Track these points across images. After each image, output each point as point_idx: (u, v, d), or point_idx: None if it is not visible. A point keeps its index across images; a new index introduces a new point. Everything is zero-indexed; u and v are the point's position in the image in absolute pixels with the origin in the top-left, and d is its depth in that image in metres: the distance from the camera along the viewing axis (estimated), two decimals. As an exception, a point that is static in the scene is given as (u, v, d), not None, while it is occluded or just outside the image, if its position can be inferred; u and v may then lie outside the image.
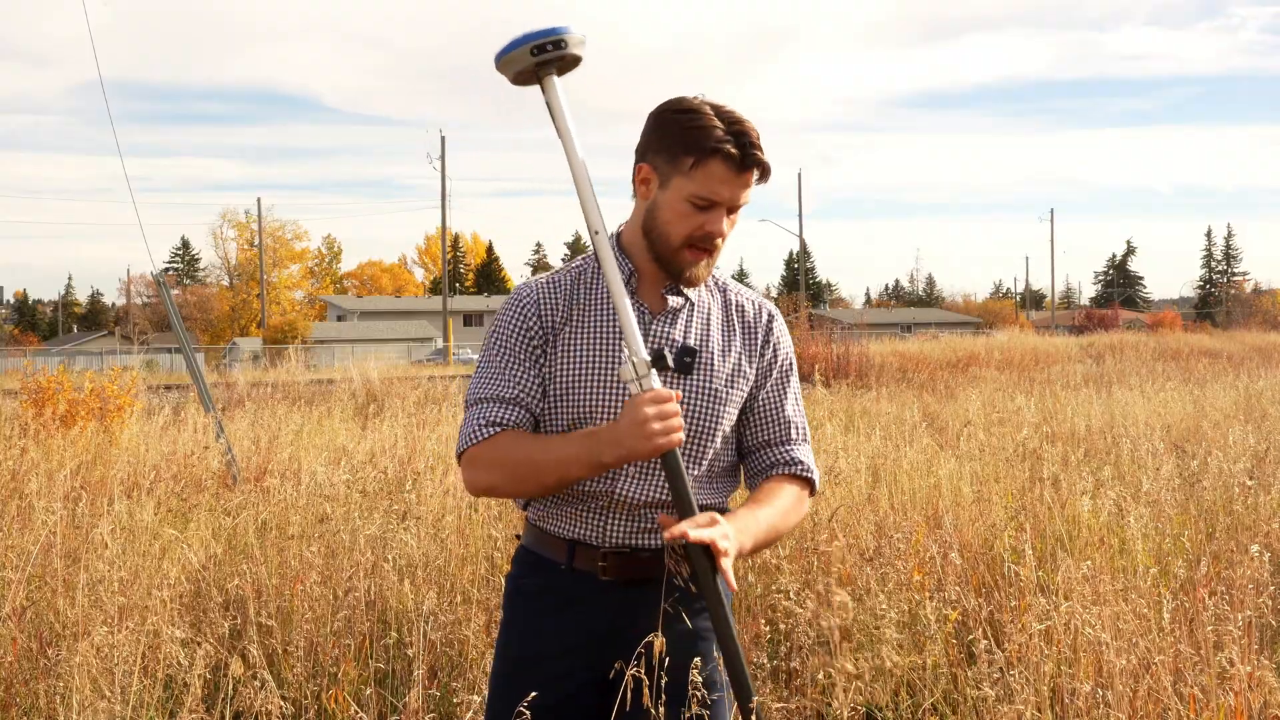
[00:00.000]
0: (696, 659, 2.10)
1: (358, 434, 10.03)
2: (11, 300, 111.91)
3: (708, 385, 2.20)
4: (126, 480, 6.90)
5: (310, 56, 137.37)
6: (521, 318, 2.19)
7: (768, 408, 2.28)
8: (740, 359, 2.26)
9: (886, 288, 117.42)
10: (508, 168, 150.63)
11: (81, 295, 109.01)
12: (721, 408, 2.21)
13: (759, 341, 2.29)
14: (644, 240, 2.19)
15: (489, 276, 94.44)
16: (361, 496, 6.03)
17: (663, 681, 2.05)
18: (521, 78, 2.14)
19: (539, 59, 2.09)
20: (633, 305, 2.18)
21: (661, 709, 2.07)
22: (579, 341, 2.18)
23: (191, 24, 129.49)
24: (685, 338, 2.21)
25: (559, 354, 2.18)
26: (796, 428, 2.31)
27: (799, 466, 2.27)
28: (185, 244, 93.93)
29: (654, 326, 2.20)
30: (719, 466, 2.26)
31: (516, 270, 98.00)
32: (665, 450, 2.02)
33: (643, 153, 2.19)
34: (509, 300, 2.24)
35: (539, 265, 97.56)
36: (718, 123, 2.09)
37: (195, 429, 9.59)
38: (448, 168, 47.50)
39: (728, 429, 2.24)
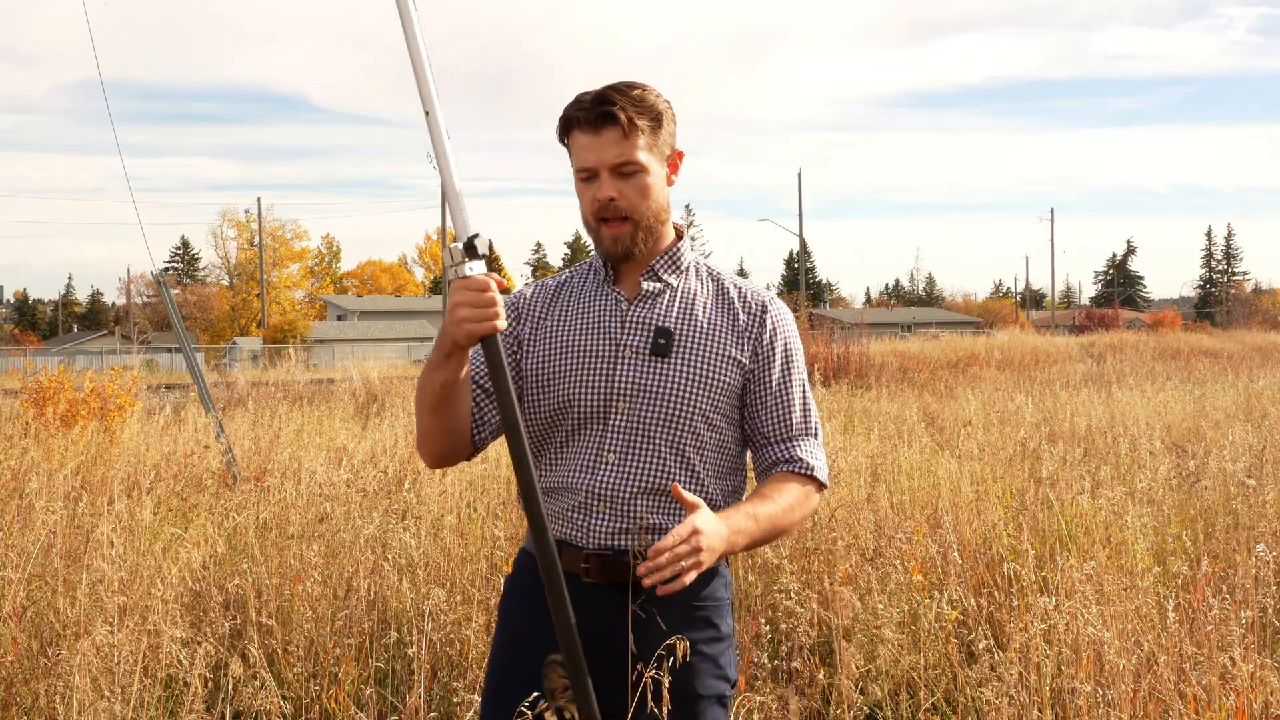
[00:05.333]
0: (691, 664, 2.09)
1: (358, 434, 10.03)
2: (11, 300, 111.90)
3: (686, 368, 2.18)
4: (127, 480, 6.90)
5: (304, 56, 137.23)
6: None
7: (767, 401, 2.24)
8: (727, 344, 2.22)
9: (886, 287, 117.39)
10: (508, 168, 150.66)
11: (81, 295, 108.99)
12: (701, 391, 2.18)
13: (750, 328, 2.25)
14: None
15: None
16: (361, 496, 6.03)
17: (648, 688, 2.04)
18: None
19: None
20: (610, 295, 2.24)
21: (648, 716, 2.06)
22: (556, 337, 2.24)
23: (183, 24, 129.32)
24: (664, 321, 2.21)
25: (537, 348, 2.25)
26: (799, 422, 2.25)
27: (799, 465, 2.22)
28: (185, 243, 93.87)
29: (631, 311, 2.22)
30: (716, 460, 2.22)
31: (516, 270, 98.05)
32: (479, 336, 1.98)
33: None
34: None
35: (539, 265, 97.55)
36: (573, 103, 2.19)
37: (195, 429, 9.59)
38: (448, 167, 47.38)
39: (711, 414, 2.19)
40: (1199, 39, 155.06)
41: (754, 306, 2.27)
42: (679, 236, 2.29)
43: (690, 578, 1.96)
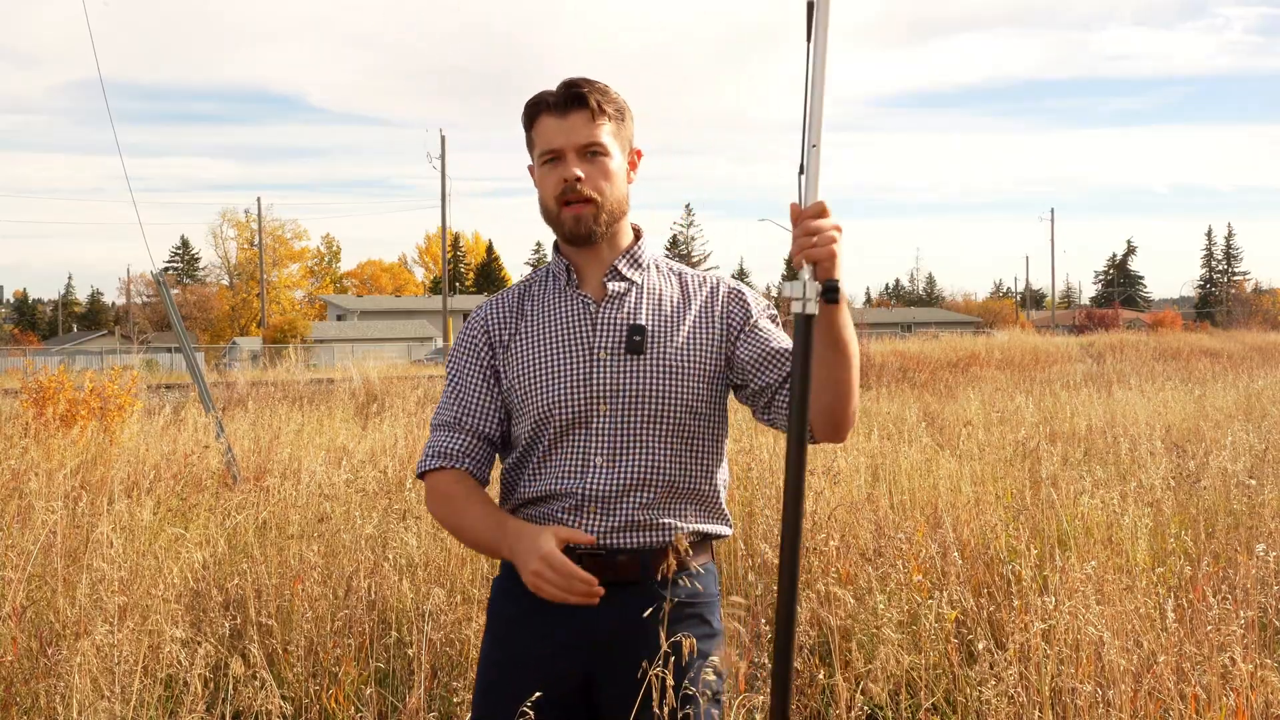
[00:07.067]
0: (698, 663, 2.09)
1: (358, 434, 10.03)
2: (11, 300, 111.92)
3: (664, 362, 2.18)
4: (127, 480, 6.90)
5: (303, 56, 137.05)
6: (471, 340, 2.30)
7: (761, 352, 2.19)
8: (696, 329, 2.22)
9: (886, 287, 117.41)
10: (508, 168, 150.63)
11: (81, 295, 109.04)
12: (682, 382, 2.17)
13: (715, 305, 2.24)
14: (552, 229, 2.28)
15: (489, 276, 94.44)
16: (361, 496, 6.03)
17: (649, 686, 2.04)
18: None
19: None
20: (576, 298, 2.24)
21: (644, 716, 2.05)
22: (530, 344, 2.23)
23: (183, 24, 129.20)
24: (635, 318, 2.21)
25: (514, 359, 2.24)
26: None
27: None
28: (185, 243, 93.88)
29: (601, 313, 2.21)
30: (706, 449, 2.21)
31: (516, 270, 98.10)
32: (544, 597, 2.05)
33: None
34: (463, 325, 2.35)
35: (539, 264, 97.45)
36: (536, 95, 2.23)
37: (195, 428, 9.60)
38: (448, 167, 47.44)
39: (695, 404, 2.18)
40: (1198, 39, 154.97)
41: (720, 291, 2.28)
42: (637, 237, 2.31)
43: (832, 251, 1.85)
